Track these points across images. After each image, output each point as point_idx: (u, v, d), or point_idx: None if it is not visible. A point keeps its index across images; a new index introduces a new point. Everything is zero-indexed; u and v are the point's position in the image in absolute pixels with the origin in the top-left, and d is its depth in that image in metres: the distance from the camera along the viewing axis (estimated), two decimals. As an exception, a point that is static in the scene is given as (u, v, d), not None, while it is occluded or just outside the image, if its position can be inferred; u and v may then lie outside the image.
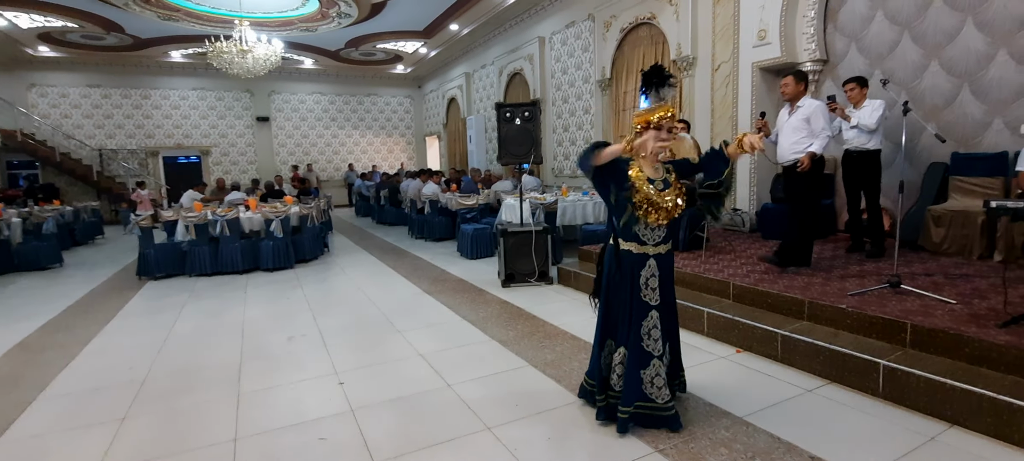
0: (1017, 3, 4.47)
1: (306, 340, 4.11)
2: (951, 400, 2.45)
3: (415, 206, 9.53)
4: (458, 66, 15.09)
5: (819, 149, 4.08)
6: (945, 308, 3.08)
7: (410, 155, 18.50)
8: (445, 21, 12.25)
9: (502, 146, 5.55)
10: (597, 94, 9.48)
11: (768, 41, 6.20)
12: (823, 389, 2.88)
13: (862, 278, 3.85)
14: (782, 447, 2.30)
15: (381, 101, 17.84)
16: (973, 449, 2.24)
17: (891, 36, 5.39)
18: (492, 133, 13.78)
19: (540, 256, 5.52)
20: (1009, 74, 4.58)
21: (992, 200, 2.76)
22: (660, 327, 2.43)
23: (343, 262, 7.48)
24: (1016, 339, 2.53)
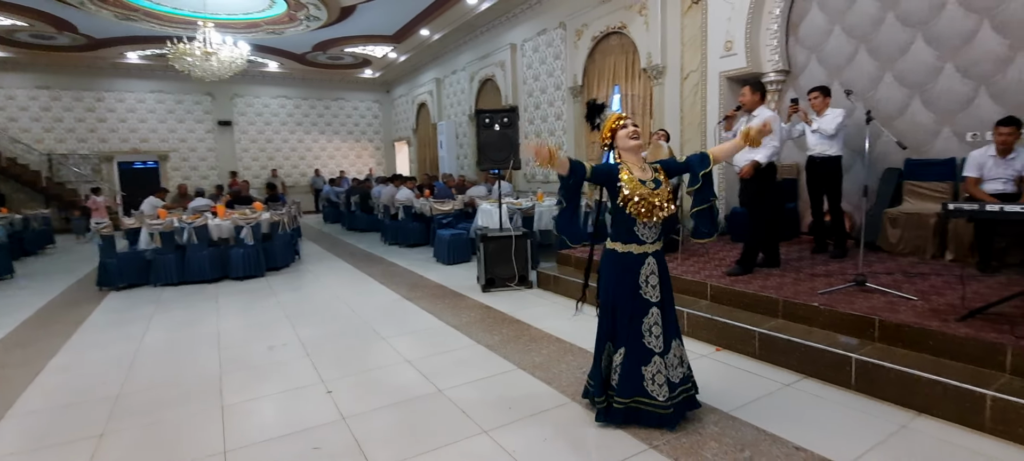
0: (962, 20, 4.82)
1: (287, 350, 4.03)
2: (918, 390, 2.62)
3: (388, 212, 9.44)
4: (428, 71, 15.04)
5: (763, 158, 4.25)
6: (908, 304, 3.29)
7: (379, 160, 18.28)
8: (416, 26, 12.21)
9: (481, 152, 5.59)
10: (569, 101, 9.63)
11: (734, 52, 6.46)
12: (800, 383, 3.03)
13: (829, 277, 4.07)
14: (768, 439, 2.42)
15: (349, 105, 17.57)
16: (940, 435, 2.41)
17: (848, 49, 5.71)
18: (464, 138, 13.79)
19: (520, 260, 5.58)
20: (956, 85, 4.93)
21: (950, 203, 2.97)
22: (661, 324, 2.50)
23: (316, 269, 7.34)
24: (974, 332, 2.73)
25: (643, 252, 2.51)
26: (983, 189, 4.31)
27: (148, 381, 3.48)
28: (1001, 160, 4.25)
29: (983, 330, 2.73)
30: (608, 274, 2.59)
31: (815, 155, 4.80)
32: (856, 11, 5.59)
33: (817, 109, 4.79)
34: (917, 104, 5.22)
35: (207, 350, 4.09)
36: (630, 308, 2.50)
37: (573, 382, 3.15)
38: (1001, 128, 4.21)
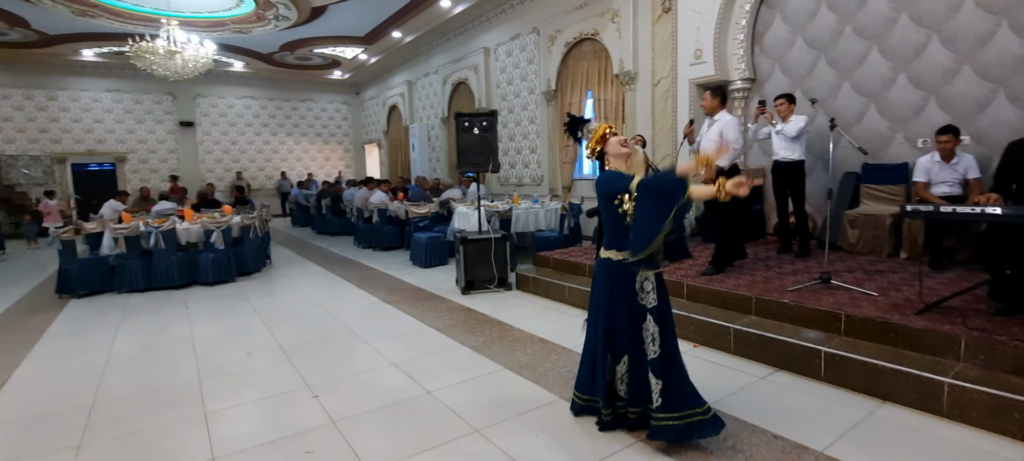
0: (913, 33, 5.16)
1: (267, 355, 3.97)
2: (882, 379, 2.81)
3: (362, 215, 9.34)
4: (400, 74, 14.94)
5: (726, 163, 4.46)
6: (869, 300, 3.51)
7: (348, 163, 18.01)
8: (388, 28, 12.12)
9: (461, 155, 5.63)
10: (543, 105, 9.75)
11: (703, 60, 6.70)
12: (774, 376, 3.19)
13: (796, 275, 4.28)
14: (748, 429, 2.55)
15: (317, 107, 17.26)
16: (904, 421, 2.59)
17: (809, 59, 6.01)
18: (436, 141, 13.76)
19: (499, 263, 5.63)
20: (908, 95, 5.26)
21: (908, 205, 3.20)
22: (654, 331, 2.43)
23: (290, 274, 7.21)
24: (932, 324, 2.95)
25: (638, 260, 2.46)
26: (931, 192, 4.63)
27: (123, 390, 3.38)
28: (945, 165, 4.57)
29: (939, 323, 2.95)
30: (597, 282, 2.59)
31: (780, 160, 5.04)
32: (817, 23, 5.90)
33: (782, 115, 5.03)
34: (873, 112, 5.54)
35: (183, 357, 3.98)
36: (628, 316, 2.46)
37: (560, 381, 3.23)
38: (940, 136, 4.54)
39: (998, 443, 2.34)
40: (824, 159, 6.00)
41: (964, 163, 4.52)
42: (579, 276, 5.22)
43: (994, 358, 2.64)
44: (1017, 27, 4.54)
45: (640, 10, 7.72)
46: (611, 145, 2.58)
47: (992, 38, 4.69)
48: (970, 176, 4.52)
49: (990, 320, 2.94)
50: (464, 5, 10.50)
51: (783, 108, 5.02)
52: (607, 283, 2.52)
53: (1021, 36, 4.53)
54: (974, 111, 4.85)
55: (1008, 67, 4.63)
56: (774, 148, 5.10)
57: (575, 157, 9.33)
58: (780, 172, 5.10)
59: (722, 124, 4.63)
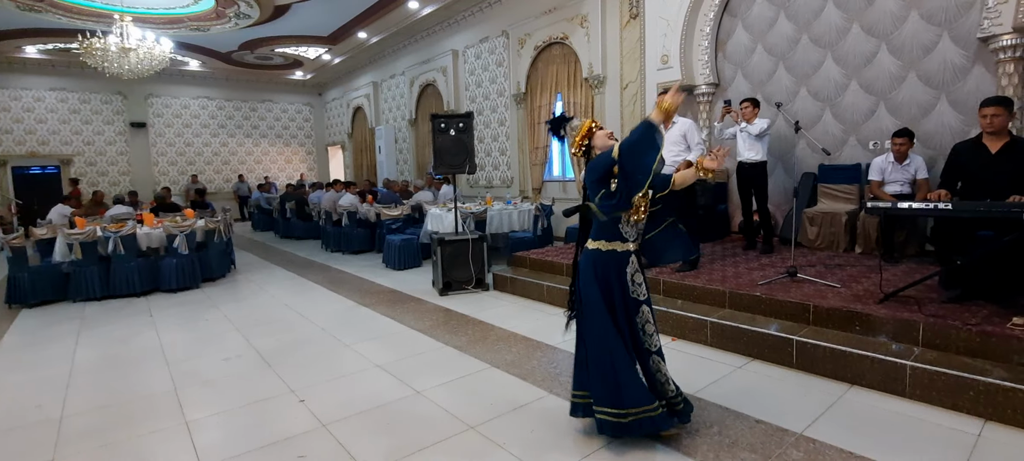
0: (864, 43, 5.51)
1: (244, 361, 3.86)
2: (850, 364, 3.00)
3: (330, 218, 9.16)
4: (365, 75, 14.73)
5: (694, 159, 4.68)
6: (833, 291, 3.74)
7: (310, 166, 17.60)
8: (353, 28, 11.95)
9: (438, 156, 5.63)
10: (512, 107, 9.83)
11: (670, 65, 6.93)
12: (750, 365, 3.35)
13: (763, 270, 4.50)
14: (731, 415, 2.68)
15: (277, 108, 16.79)
16: (871, 402, 2.78)
17: (769, 66, 6.32)
18: (403, 144, 13.64)
19: (476, 263, 5.66)
20: (860, 100, 5.61)
21: (869, 202, 3.43)
22: (652, 321, 2.48)
23: (258, 279, 7.01)
24: (892, 312, 3.17)
25: (627, 250, 2.46)
26: (885, 191, 4.95)
27: (93, 401, 3.22)
28: (898, 165, 4.90)
29: (898, 311, 3.18)
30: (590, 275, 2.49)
31: (744, 161, 5.28)
32: (775, 32, 6.21)
33: (747, 118, 5.28)
34: (828, 116, 5.87)
35: (153, 366, 3.83)
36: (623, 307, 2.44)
37: (548, 377, 3.29)
38: (896, 138, 4.87)
39: (957, 419, 2.55)
40: (784, 160, 6.34)
41: (915, 164, 4.86)
42: (557, 275, 5.31)
43: (949, 342, 2.87)
44: (956, 38, 4.92)
45: (608, 15, 7.91)
46: (598, 137, 2.53)
47: (935, 48, 5.07)
48: (919, 176, 4.86)
49: (943, 307, 3.19)
50: (433, 7, 10.48)
51: (748, 111, 5.26)
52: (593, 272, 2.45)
53: (960, 46, 4.91)
54: (919, 115, 5.22)
55: (949, 75, 5.01)
56: (739, 149, 5.33)
57: (545, 159, 9.45)
58: (744, 172, 5.34)
59: (683, 128, 4.70)
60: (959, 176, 3.42)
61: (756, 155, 5.23)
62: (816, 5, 5.84)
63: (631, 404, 2.31)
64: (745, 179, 5.41)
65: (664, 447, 2.41)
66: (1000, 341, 2.71)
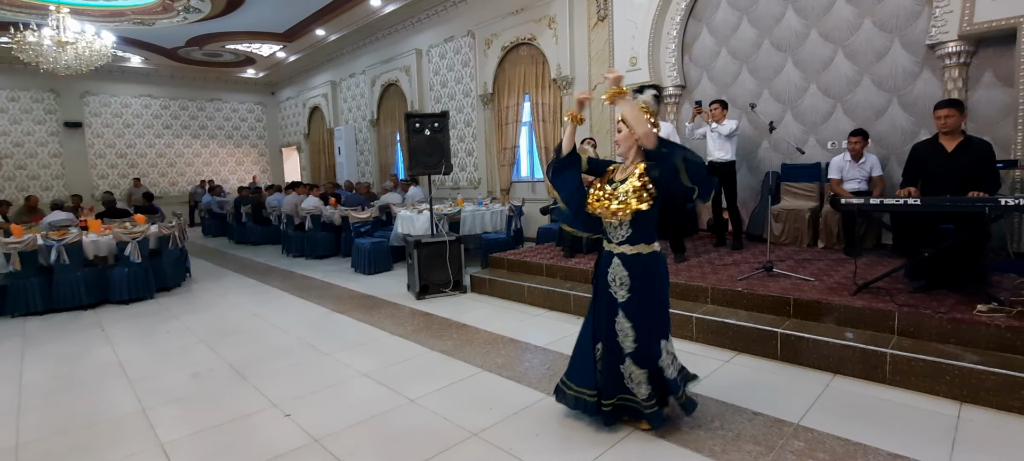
0: (822, 48, 5.79)
1: (216, 375, 3.64)
2: (832, 354, 3.14)
3: (292, 222, 8.81)
4: (323, 73, 14.28)
5: None
6: (808, 284, 3.90)
7: (264, 168, 16.90)
8: (310, 25, 11.57)
9: (413, 157, 5.50)
10: (479, 108, 9.76)
11: (639, 67, 7.07)
12: (736, 359, 3.44)
13: (739, 266, 4.65)
14: (730, 409, 2.74)
15: (227, 107, 16.02)
16: (855, 390, 2.91)
17: (733, 69, 6.54)
18: (364, 145, 13.31)
19: (454, 265, 5.57)
20: (818, 102, 5.89)
21: (842, 199, 3.60)
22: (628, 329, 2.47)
23: (218, 287, 6.64)
24: (867, 302, 3.33)
25: (609, 251, 2.52)
26: (844, 188, 5.22)
27: (51, 426, 2.94)
28: (855, 164, 5.18)
29: (873, 301, 3.34)
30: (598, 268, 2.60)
31: (714, 160, 5.44)
32: (739, 37, 6.43)
33: (717, 118, 5.44)
34: (789, 117, 6.13)
35: (113, 384, 3.55)
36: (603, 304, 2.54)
37: (543, 378, 3.26)
38: (851, 138, 5.14)
39: (935, 402, 2.70)
40: (748, 160, 6.57)
41: (870, 162, 5.14)
42: (537, 276, 5.29)
43: (923, 329, 3.04)
44: (907, 45, 5.25)
45: (576, 17, 7.98)
46: None
47: (887, 53, 5.39)
48: (874, 173, 5.15)
49: (912, 297, 3.38)
50: (395, 5, 10.28)
51: (717, 112, 5.42)
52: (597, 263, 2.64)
53: (910, 52, 5.24)
54: (873, 117, 5.54)
55: (900, 79, 5.34)
56: (709, 149, 5.48)
57: (513, 159, 9.43)
58: (714, 171, 5.49)
59: (666, 130, 4.93)
60: (919, 174, 3.63)
61: (726, 155, 5.40)
62: (777, 11, 6.09)
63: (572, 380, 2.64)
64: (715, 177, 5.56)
65: (670, 442, 2.43)
66: (969, 327, 2.90)
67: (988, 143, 3.58)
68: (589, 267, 4.92)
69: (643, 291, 2.46)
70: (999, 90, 4.73)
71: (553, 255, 5.61)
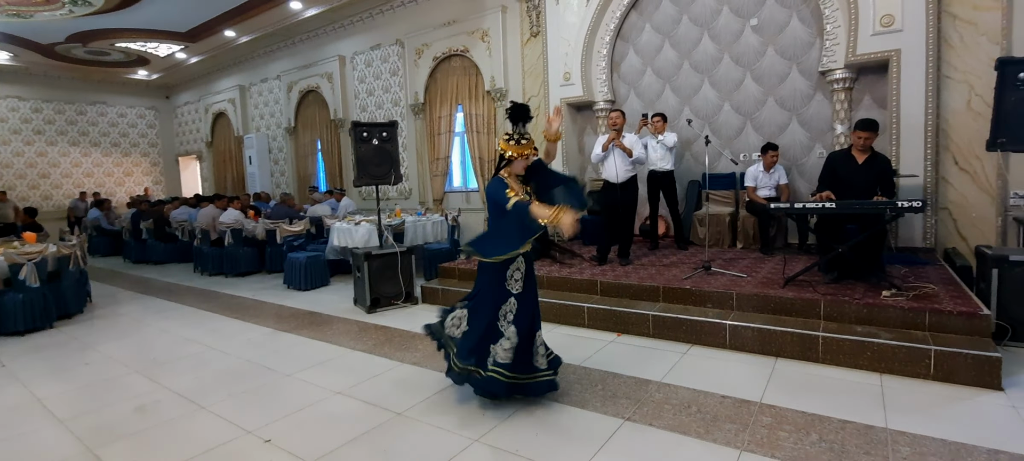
0: (734, 71, 6.51)
1: (166, 405, 3.34)
2: (773, 340, 3.58)
3: (207, 237, 8.13)
4: (229, 77, 13.32)
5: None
6: (742, 280, 4.38)
7: (157, 179, 15.33)
8: (219, 26, 10.78)
9: (360, 167, 5.38)
10: (409, 117, 9.68)
11: (572, 82, 7.46)
12: (692, 350, 3.80)
13: (680, 267, 5.09)
14: (701, 395, 3.04)
15: (113, 112, 14.36)
16: (797, 369, 3.35)
17: (657, 87, 7.14)
18: (280, 154, 12.60)
19: (406, 277, 5.51)
20: (732, 119, 6.61)
21: (772, 204, 4.12)
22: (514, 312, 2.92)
23: (130, 311, 5.99)
24: (796, 293, 3.84)
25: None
26: (757, 194, 5.90)
27: (-23, 480, 2.55)
28: (766, 174, 5.88)
29: (801, 292, 3.86)
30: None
31: (656, 170, 5.91)
32: (662, 58, 7.03)
33: (659, 130, 5.91)
34: (708, 131, 6.81)
35: (40, 425, 3.13)
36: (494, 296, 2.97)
37: (524, 381, 3.38)
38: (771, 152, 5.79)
39: (862, 375, 3.20)
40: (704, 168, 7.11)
41: (778, 172, 5.87)
42: (490, 284, 5.38)
43: (844, 314, 3.57)
44: (803, 71, 6.07)
45: (509, 32, 8.23)
46: (516, 165, 2.98)
47: (787, 78, 6.19)
48: (781, 181, 5.88)
49: (829, 287, 3.95)
50: (317, 9, 9.90)
51: (660, 124, 5.89)
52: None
53: (805, 77, 6.07)
54: (777, 132, 6.32)
55: (798, 100, 6.16)
56: (650, 159, 5.93)
57: (446, 170, 9.46)
58: (656, 180, 5.96)
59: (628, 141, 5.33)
60: (833, 180, 4.24)
61: (667, 165, 5.89)
62: (694, 36, 6.76)
63: None
64: (656, 186, 6.03)
65: (658, 429, 2.66)
66: (880, 310, 3.46)
67: (888, 158, 4.29)
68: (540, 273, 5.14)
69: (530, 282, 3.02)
70: (876, 111, 5.63)
71: (503, 263, 5.74)
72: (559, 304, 4.59)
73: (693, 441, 2.53)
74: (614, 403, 2.98)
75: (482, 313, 2.98)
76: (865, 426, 2.57)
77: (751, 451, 2.41)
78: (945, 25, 5.16)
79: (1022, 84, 3.42)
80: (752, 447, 2.44)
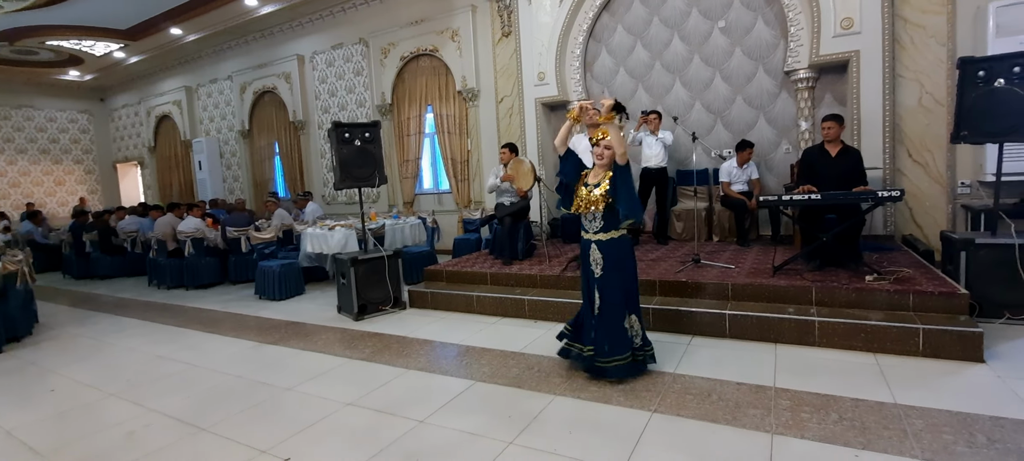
0: (704, 71, 6.76)
1: (160, 429, 3.10)
2: (771, 327, 3.74)
3: (164, 248, 7.61)
4: (174, 77, 12.55)
5: None
6: (732, 271, 4.56)
7: (92, 187, 14.22)
8: (164, 23, 10.15)
9: (343, 169, 5.20)
10: (376, 118, 9.44)
11: (547, 82, 7.51)
12: (695, 341, 3.91)
13: (669, 261, 5.23)
14: (717, 383, 3.13)
15: (41, 116, 13.20)
16: (796, 354, 3.51)
17: (630, 86, 7.31)
18: (233, 158, 12.00)
19: (394, 281, 5.37)
20: (703, 117, 6.86)
21: (760, 196, 4.30)
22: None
23: (87, 331, 5.52)
24: (787, 281, 4.03)
25: (587, 239, 3.31)
26: (732, 189, 6.16)
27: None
28: (739, 169, 6.14)
29: (792, 280, 4.06)
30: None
31: (651, 166, 6.04)
32: (634, 58, 7.21)
33: (653, 128, 6.04)
34: (680, 129, 7.03)
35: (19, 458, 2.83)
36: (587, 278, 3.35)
37: (540, 380, 3.37)
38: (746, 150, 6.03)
39: (855, 356, 3.39)
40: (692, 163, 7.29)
41: (750, 168, 6.15)
42: (482, 285, 5.33)
43: (834, 299, 3.79)
44: (769, 71, 6.39)
45: (480, 31, 8.19)
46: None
47: (754, 77, 6.49)
48: (753, 177, 6.16)
49: (815, 274, 4.18)
50: (274, 6, 9.50)
51: (654, 122, 6.02)
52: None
53: (771, 77, 6.39)
54: (746, 130, 6.62)
55: (765, 98, 6.47)
56: (645, 155, 6.05)
57: (416, 172, 9.31)
58: (651, 176, 6.07)
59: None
60: (810, 174, 4.49)
61: (663, 161, 6.03)
62: (665, 38, 6.97)
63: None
64: (650, 182, 6.15)
65: (689, 418, 2.73)
66: (867, 294, 3.69)
67: (858, 151, 4.58)
68: (533, 272, 5.18)
69: (614, 268, 3.23)
70: (837, 108, 5.97)
71: (491, 264, 5.71)
72: (557, 302, 4.61)
73: (725, 428, 2.61)
74: (636, 396, 3.02)
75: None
76: (877, 403, 2.74)
77: (781, 433, 2.51)
78: (898, 28, 5.57)
79: (982, 82, 3.74)
80: (781, 430, 2.55)
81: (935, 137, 5.51)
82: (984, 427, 2.44)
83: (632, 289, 3.32)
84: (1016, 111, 3.58)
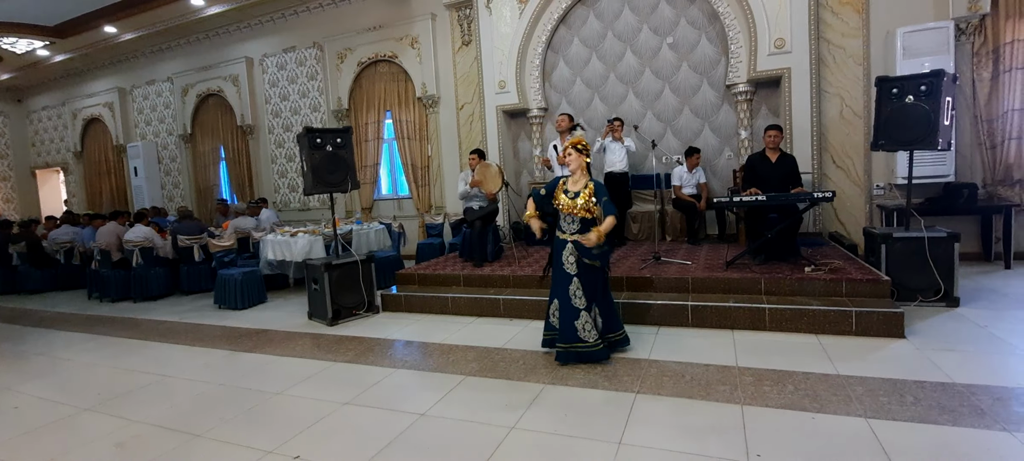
0: (654, 83, 7.27)
1: (149, 441, 3.06)
2: (728, 316, 4.17)
3: (108, 258, 7.20)
4: (104, 78, 11.79)
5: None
6: (688, 267, 4.99)
7: (7, 196, 13.04)
8: (97, 20, 9.58)
9: (314, 174, 5.21)
10: (332, 124, 9.35)
11: (507, 90, 7.78)
12: (663, 331, 4.28)
13: (631, 259, 5.61)
14: (687, 366, 3.49)
15: (-57, 117, 11.98)
16: (752, 337, 3.95)
17: (587, 95, 7.71)
18: (173, 164, 11.43)
19: (367, 286, 5.43)
20: (654, 125, 7.36)
21: (714, 198, 4.75)
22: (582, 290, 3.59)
23: (33, 348, 5.18)
24: (739, 274, 4.49)
25: (562, 239, 3.67)
26: (682, 192, 6.67)
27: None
28: (689, 174, 6.67)
29: (743, 273, 4.52)
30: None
31: (614, 171, 6.41)
32: (590, 69, 7.62)
33: (617, 135, 6.41)
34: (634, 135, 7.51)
35: (1, 480, 2.74)
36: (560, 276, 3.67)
37: (527, 371, 3.60)
38: (695, 155, 6.56)
39: (803, 337, 3.87)
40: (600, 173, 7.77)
41: (699, 172, 6.69)
42: (455, 287, 5.49)
43: (780, 288, 4.28)
44: (712, 84, 6.98)
45: (439, 39, 8.35)
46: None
47: (699, 89, 7.07)
48: (701, 181, 6.71)
49: (762, 268, 4.67)
50: (222, 7, 9.21)
51: (618, 129, 6.40)
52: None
53: (714, 90, 6.98)
54: (693, 137, 7.18)
55: (709, 109, 7.06)
56: (609, 161, 6.42)
57: (375, 177, 9.30)
58: (613, 181, 6.43)
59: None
60: (754, 177, 5.01)
61: (625, 167, 6.42)
62: (618, 51, 7.42)
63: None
64: (613, 186, 6.51)
65: (667, 396, 3.05)
66: (808, 283, 4.21)
67: (794, 156, 5.16)
68: (505, 273, 5.41)
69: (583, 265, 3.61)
70: (772, 119, 6.64)
71: (462, 266, 5.88)
72: (532, 300, 4.86)
73: (701, 403, 2.96)
74: (619, 381, 3.32)
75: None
76: (823, 375, 3.18)
77: (749, 404, 2.88)
78: (822, 49, 6.28)
79: (896, 98, 4.36)
80: (748, 401, 2.92)
81: (854, 145, 6.26)
82: (911, 389, 2.92)
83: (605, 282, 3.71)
84: (923, 123, 4.20)
